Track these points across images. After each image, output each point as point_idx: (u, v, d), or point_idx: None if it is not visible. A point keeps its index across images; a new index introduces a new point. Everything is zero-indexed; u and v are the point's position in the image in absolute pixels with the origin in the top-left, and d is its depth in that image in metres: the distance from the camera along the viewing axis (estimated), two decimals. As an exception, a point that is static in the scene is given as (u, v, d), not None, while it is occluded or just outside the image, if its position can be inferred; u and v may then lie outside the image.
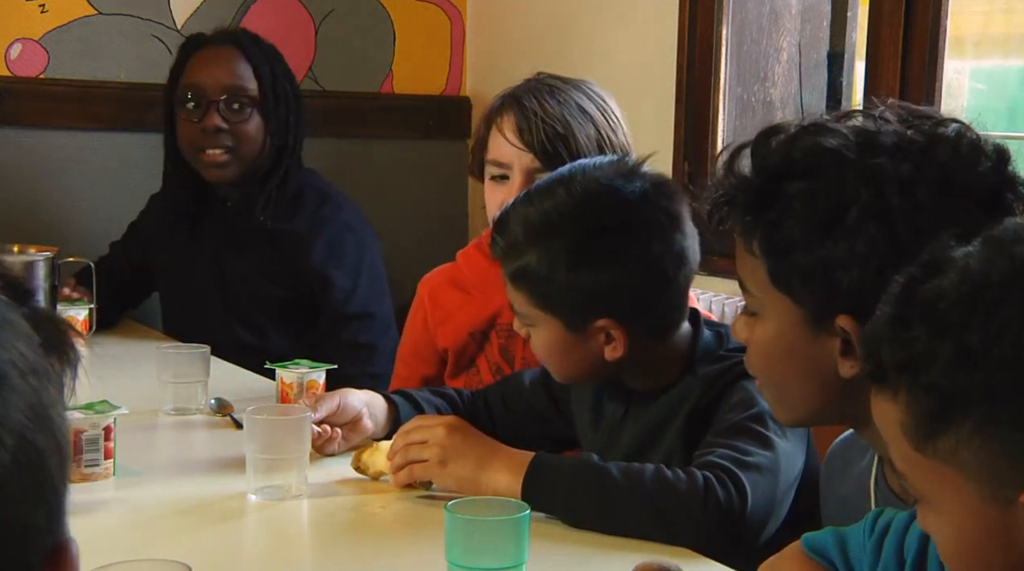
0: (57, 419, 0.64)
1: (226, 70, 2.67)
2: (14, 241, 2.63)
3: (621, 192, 1.59)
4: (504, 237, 1.63)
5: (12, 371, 0.61)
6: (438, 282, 2.19)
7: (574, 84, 2.07)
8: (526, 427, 1.84)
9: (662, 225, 1.58)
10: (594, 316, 1.58)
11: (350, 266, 2.68)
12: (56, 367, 0.66)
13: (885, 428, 0.95)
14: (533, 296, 1.60)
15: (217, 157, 2.67)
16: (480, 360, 2.11)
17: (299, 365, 2.02)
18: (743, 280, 1.29)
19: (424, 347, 2.17)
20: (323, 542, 1.54)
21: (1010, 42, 2.42)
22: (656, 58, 2.88)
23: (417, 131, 3.54)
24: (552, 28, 3.26)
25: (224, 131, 2.65)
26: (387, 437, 1.82)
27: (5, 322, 0.63)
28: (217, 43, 2.70)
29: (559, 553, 1.41)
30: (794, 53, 2.79)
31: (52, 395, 0.64)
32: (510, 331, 2.07)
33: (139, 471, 1.71)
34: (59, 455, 0.64)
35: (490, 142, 2.05)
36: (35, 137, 3.10)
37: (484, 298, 2.10)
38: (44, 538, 0.63)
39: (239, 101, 2.66)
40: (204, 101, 2.66)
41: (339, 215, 2.72)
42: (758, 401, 1.50)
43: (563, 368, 1.65)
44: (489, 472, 1.52)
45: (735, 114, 2.77)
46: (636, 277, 1.57)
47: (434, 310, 2.16)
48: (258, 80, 2.67)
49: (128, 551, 1.31)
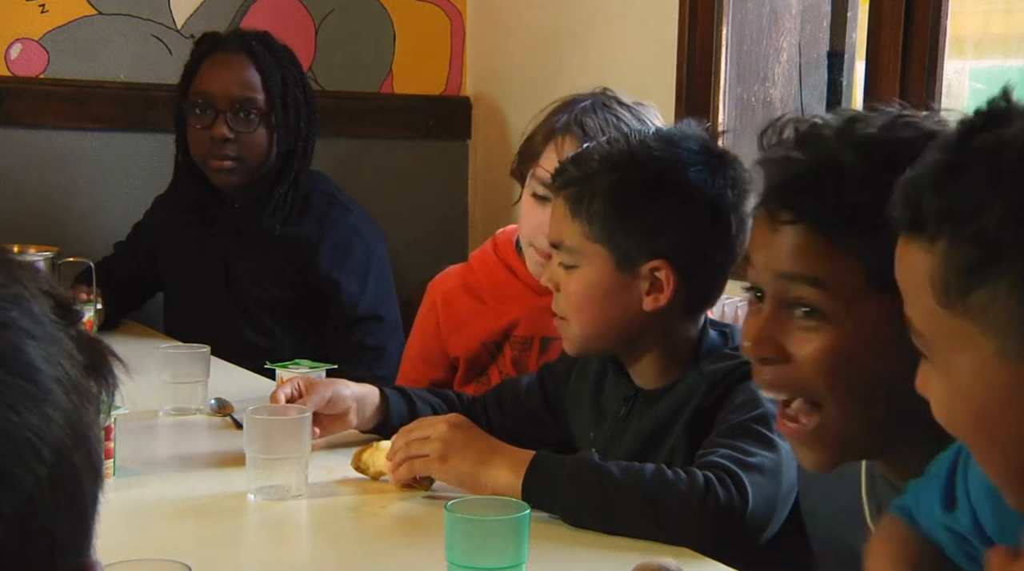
0: (94, 440, 0.64)
1: (235, 79, 2.67)
2: (14, 241, 2.63)
3: (707, 142, 1.62)
4: (579, 167, 1.61)
5: (57, 388, 0.61)
6: (451, 287, 2.18)
7: (635, 113, 2.00)
8: (521, 429, 1.83)
9: (737, 182, 1.59)
10: (651, 253, 1.57)
11: (358, 269, 2.68)
12: (95, 389, 0.66)
13: (911, 279, 0.91)
14: (594, 224, 1.58)
15: (223, 165, 2.68)
16: (492, 370, 2.11)
17: (299, 365, 2.02)
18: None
19: (434, 352, 2.17)
20: (323, 542, 1.54)
21: (1010, 42, 2.42)
22: (656, 58, 2.88)
23: (417, 131, 3.54)
24: (552, 28, 3.26)
25: (230, 141, 2.66)
26: (375, 431, 1.82)
27: (54, 340, 0.63)
28: (229, 49, 2.70)
29: (559, 553, 1.41)
30: (794, 53, 2.79)
31: (91, 415, 0.64)
32: (524, 343, 2.06)
33: (139, 471, 1.71)
34: (93, 475, 0.64)
35: (543, 158, 1.99)
36: (35, 137, 3.10)
37: (500, 309, 2.09)
38: (69, 557, 0.63)
39: (246, 112, 2.67)
40: (212, 110, 2.66)
41: (347, 218, 2.72)
42: (762, 402, 1.50)
43: (589, 321, 1.62)
44: (490, 469, 1.52)
45: (735, 114, 2.77)
46: (704, 220, 1.58)
47: (447, 316, 2.15)
48: (267, 91, 2.67)
49: (128, 551, 1.31)
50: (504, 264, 2.14)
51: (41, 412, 0.60)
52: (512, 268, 2.13)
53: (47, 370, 0.61)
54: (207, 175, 2.73)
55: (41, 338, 0.62)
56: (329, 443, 1.83)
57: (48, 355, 0.62)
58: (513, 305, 2.09)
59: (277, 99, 2.68)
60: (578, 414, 1.77)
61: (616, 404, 1.69)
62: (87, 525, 0.64)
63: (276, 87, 2.68)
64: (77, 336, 0.65)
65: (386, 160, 3.51)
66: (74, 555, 0.63)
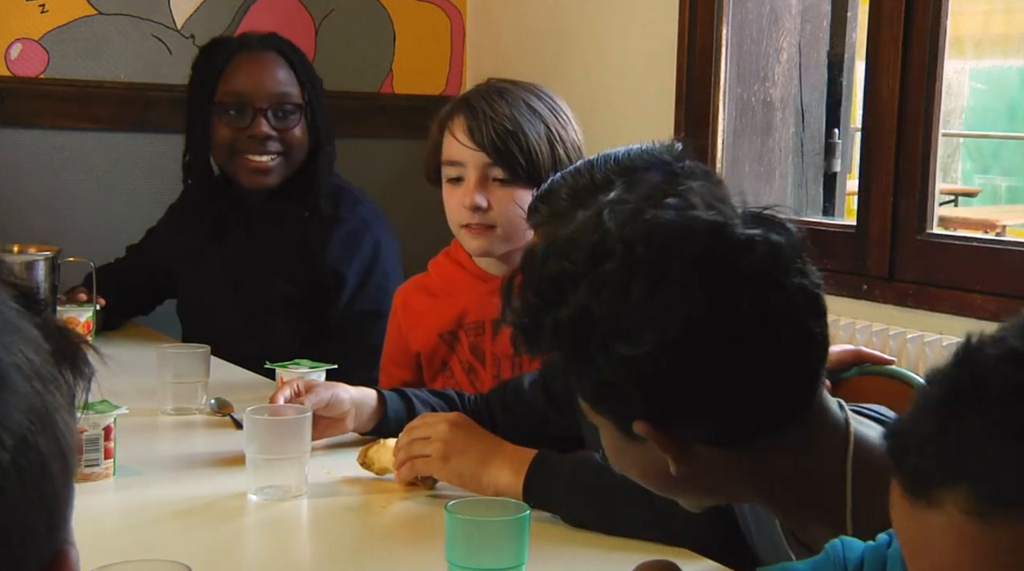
0: (62, 424, 0.64)
1: (272, 76, 2.68)
2: (14, 241, 2.63)
3: (669, 166, 1.59)
4: (548, 204, 1.62)
5: (15, 373, 0.61)
6: (410, 290, 2.25)
7: (523, 86, 2.11)
8: (526, 427, 1.84)
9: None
10: None
11: (363, 262, 2.67)
12: (68, 377, 0.66)
13: None
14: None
15: (265, 164, 2.67)
16: (452, 361, 2.13)
17: (299, 365, 2.02)
18: None
19: (399, 352, 2.22)
20: (323, 542, 1.54)
21: (1010, 42, 2.42)
22: (656, 58, 2.88)
23: (417, 131, 3.51)
24: (552, 28, 3.26)
25: (273, 138, 2.66)
26: (373, 433, 1.83)
27: (12, 327, 0.63)
28: (257, 49, 2.70)
29: (559, 553, 1.41)
30: (794, 53, 2.79)
31: (58, 400, 0.64)
32: (478, 328, 2.10)
33: (139, 471, 1.71)
34: (62, 460, 0.63)
35: (444, 145, 2.11)
36: (35, 137, 3.10)
37: (450, 300, 2.14)
38: (44, 543, 0.62)
39: (286, 108, 2.68)
40: (251, 109, 2.65)
41: (355, 211, 2.72)
42: None
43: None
44: (491, 468, 1.52)
45: (735, 114, 2.77)
46: None
47: (406, 317, 2.21)
48: (300, 86, 2.70)
49: (128, 551, 1.31)
50: (455, 262, 2.20)
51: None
52: (461, 263, 2.19)
53: (3, 357, 0.61)
54: (234, 175, 2.71)
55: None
56: (329, 443, 1.83)
57: (6, 343, 0.62)
58: (462, 294, 2.14)
59: (310, 95, 2.70)
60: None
61: None
62: (60, 509, 0.64)
63: (307, 83, 2.71)
64: (43, 324, 0.65)
65: (386, 160, 3.51)
66: (48, 543, 0.63)
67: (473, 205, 2.05)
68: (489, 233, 2.07)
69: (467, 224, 2.07)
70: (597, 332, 1.09)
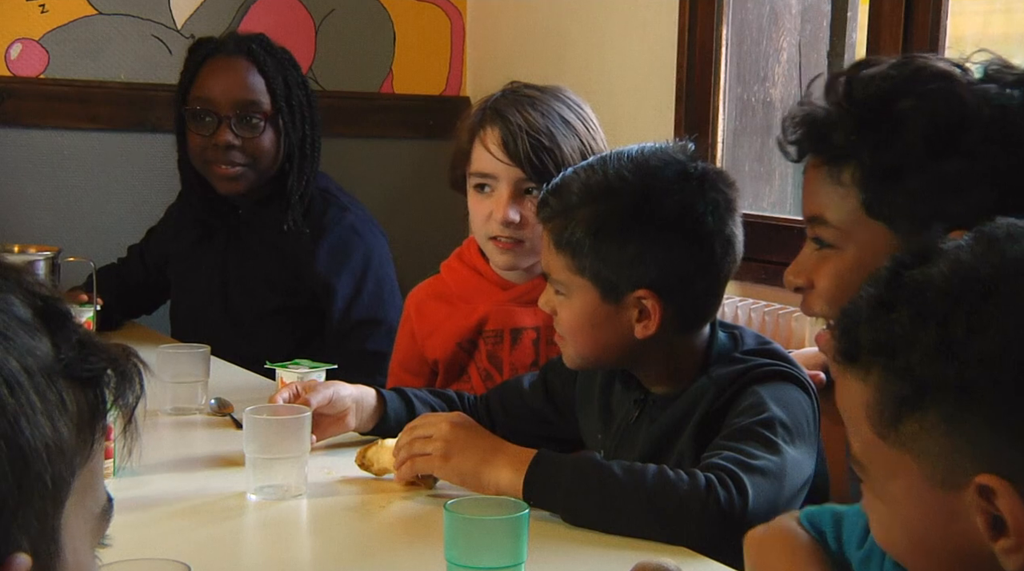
0: (27, 430, 0.63)
1: (238, 84, 2.61)
2: (14, 241, 2.63)
3: (683, 165, 1.60)
4: (559, 198, 1.62)
5: None
6: (423, 296, 2.22)
7: (552, 93, 2.08)
8: (525, 428, 1.84)
9: (718, 204, 1.59)
10: (634, 284, 1.57)
11: (354, 271, 2.62)
12: (60, 385, 0.65)
13: (849, 409, 0.96)
14: (576, 258, 1.60)
15: (229, 171, 2.62)
16: (471, 368, 2.12)
17: (299, 365, 2.02)
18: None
19: (413, 360, 2.19)
20: (322, 542, 1.54)
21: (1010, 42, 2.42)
22: (656, 58, 2.88)
23: (417, 131, 3.54)
24: (552, 28, 3.26)
25: (235, 147, 2.60)
26: (373, 432, 1.83)
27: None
28: (228, 53, 2.63)
29: (559, 553, 1.41)
30: (794, 53, 2.79)
31: (28, 406, 0.63)
32: (496, 336, 2.08)
33: (139, 471, 1.71)
34: (13, 465, 0.62)
35: (474, 155, 2.07)
36: (35, 137, 3.10)
37: (469, 307, 2.12)
38: None
39: (251, 116, 2.61)
40: (215, 116, 2.60)
41: (343, 218, 2.66)
42: (769, 406, 1.50)
43: (585, 345, 1.63)
44: (491, 468, 1.52)
45: (735, 114, 2.77)
46: (684, 248, 1.58)
47: (420, 323, 2.18)
48: (271, 94, 2.62)
49: (128, 550, 1.31)
50: (471, 267, 2.17)
51: None
52: (478, 269, 2.16)
53: None
54: (210, 182, 2.68)
55: None
56: (329, 443, 1.83)
57: None
58: (480, 302, 2.12)
59: (281, 102, 2.62)
60: (587, 412, 1.78)
61: (626, 408, 1.69)
62: (5, 517, 0.62)
63: (280, 90, 2.62)
64: (59, 335, 0.68)
65: (386, 160, 3.51)
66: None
67: (507, 220, 2.03)
68: (518, 248, 2.06)
69: (495, 237, 2.06)
70: None
